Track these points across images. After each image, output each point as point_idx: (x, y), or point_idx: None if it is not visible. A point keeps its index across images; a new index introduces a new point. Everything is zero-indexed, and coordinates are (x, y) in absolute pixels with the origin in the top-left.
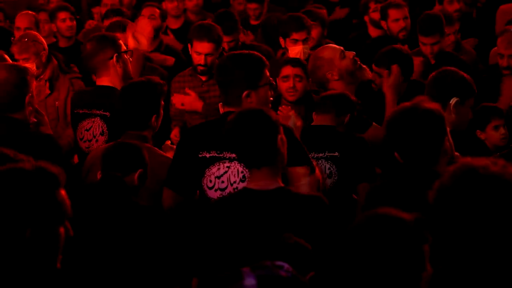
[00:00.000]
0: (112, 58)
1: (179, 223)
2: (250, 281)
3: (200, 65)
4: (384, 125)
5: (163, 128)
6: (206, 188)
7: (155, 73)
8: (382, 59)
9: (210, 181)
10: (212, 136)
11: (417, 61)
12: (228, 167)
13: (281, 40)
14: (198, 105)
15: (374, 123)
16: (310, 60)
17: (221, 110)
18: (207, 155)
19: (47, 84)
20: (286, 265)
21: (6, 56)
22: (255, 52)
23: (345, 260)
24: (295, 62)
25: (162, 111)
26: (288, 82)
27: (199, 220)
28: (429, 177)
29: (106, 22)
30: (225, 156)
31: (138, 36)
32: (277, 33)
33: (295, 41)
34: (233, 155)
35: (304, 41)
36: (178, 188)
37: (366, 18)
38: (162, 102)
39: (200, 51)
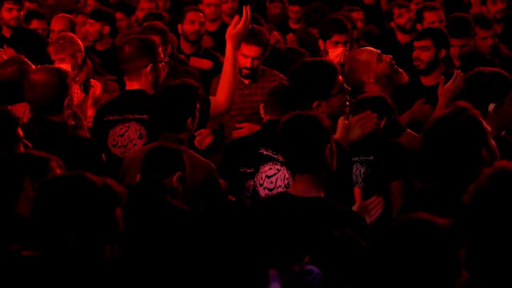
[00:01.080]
0: (146, 67)
1: (217, 225)
2: (275, 286)
3: (245, 68)
4: (422, 135)
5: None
6: (258, 184)
7: (188, 76)
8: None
9: (261, 178)
10: (273, 135)
11: None
12: (278, 170)
13: (321, 42)
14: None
15: (408, 129)
16: (346, 62)
17: (262, 113)
18: (264, 152)
19: (82, 87)
20: (316, 270)
21: (27, 60)
22: (327, 60)
23: (381, 264)
24: None
25: (197, 114)
26: None
27: (237, 222)
28: (467, 185)
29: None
30: (278, 158)
31: None
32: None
33: (336, 43)
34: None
35: (345, 44)
36: (229, 177)
37: (392, 24)
38: (198, 105)
39: (247, 54)
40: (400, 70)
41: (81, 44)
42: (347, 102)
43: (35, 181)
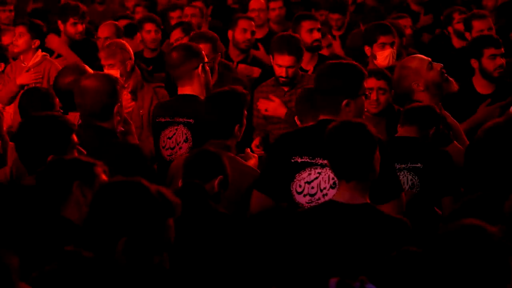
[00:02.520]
0: (197, 68)
1: (261, 232)
2: None
3: (281, 77)
4: (468, 147)
5: (245, 138)
6: (295, 193)
7: (237, 84)
8: None
9: (300, 186)
10: (306, 141)
11: None
12: (319, 173)
13: (367, 49)
14: (282, 111)
15: (455, 141)
16: (396, 69)
17: (296, 119)
18: (299, 160)
19: (132, 96)
20: None
21: (87, 67)
22: (355, 62)
23: (431, 270)
24: (379, 74)
25: (245, 121)
26: (371, 95)
27: (282, 230)
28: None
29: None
30: (317, 162)
31: None
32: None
33: (383, 45)
34: (325, 162)
35: (392, 45)
36: (268, 191)
37: (450, 29)
38: (245, 112)
39: (281, 63)
40: (450, 78)
41: (131, 51)
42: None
43: (84, 186)
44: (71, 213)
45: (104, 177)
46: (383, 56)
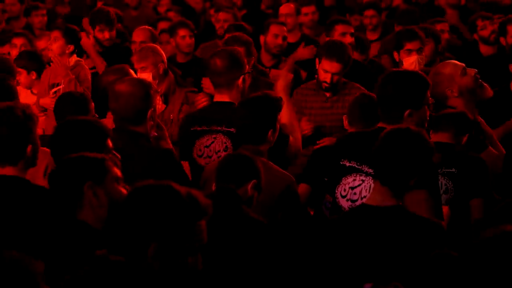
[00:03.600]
0: (239, 78)
1: (296, 238)
2: None
3: (325, 82)
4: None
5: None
6: (339, 196)
7: (270, 89)
8: None
9: (344, 190)
10: (357, 147)
11: None
12: (363, 180)
13: (395, 54)
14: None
15: (490, 147)
16: (430, 75)
17: (345, 124)
18: (347, 164)
19: (162, 98)
20: None
21: (131, 71)
22: (419, 72)
23: (469, 275)
24: None
25: (278, 126)
26: None
27: (317, 235)
28: None
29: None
30: (363, 169)
31: None
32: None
33: (409, 52)
34: (371, 170)
35: (418, 51)
36: (313, 183)
37: (475, 36)
38: (279, 117)
39: (328, 69)
40: (485, 84)
41: (164, 55)
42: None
43: (95, 186)
44: (87, 215)
45: (116, 170)
46: (408, 63)
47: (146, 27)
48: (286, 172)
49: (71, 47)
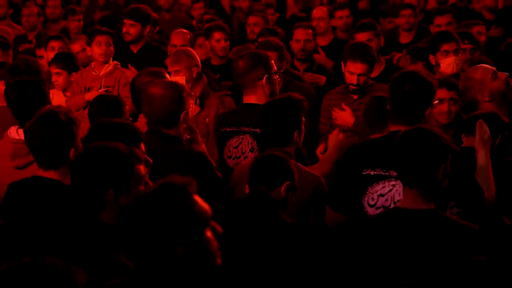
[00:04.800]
0: (262, 78)
1: (327, 241)
2: None
3: (352, 84)
4: None
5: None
6: (366, 205)
7: (301, 92)
8: None
9: (372, 198)
10: (378, 153)
11: None
12: (394, 185)
13: (431, 57)
14: (350, 120)
15: None
16: (461, 80)
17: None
18: (372, 173)
19: (197, 101)
20: None
21: (167, 74)
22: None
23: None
24: (450, 85)
25: (303, 127)
26: (443, 105)
27: (349, 238)
28: None
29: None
30: (391, 174)
31: None
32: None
33: (446, 53)
34: None
35: (455, 52)
36: (340, 208)
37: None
38: (304, 118)
39: (353, 71)
40: None
41: (199, 59)
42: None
43: (119, 192)
44: (107, 215)
45: (140, 168)
46: (446, 64)
47: (184, 30)
48: (313, 172)
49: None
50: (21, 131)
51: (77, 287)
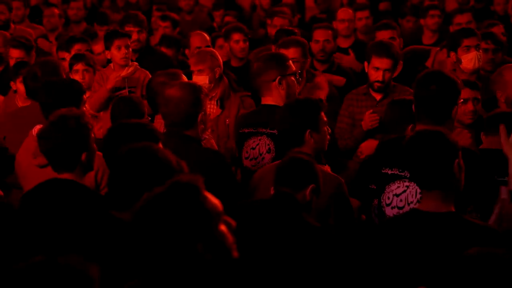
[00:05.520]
0: (274, 80)
1: (345, 240)
2: None
3: (377, 81)
4: None
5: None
6: (384, 204)
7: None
8: None
9: (388, 198)
10: (397, 153)
11: None
12: (407, 186)
13: (452, 54)
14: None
15: None
16: (494, 73)
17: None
18: (389, 172)
19: (218, 102)
20: None
21: (183, 76)
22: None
23: None
24: (473, 84)
25: (325, 129)
26: (467, 105)
27: (368, 240)
28: None
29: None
30: (406, 175)
31: None
32: None
33: (468, 48)
34: None
35: (477, 47)
36: (353, 192)
37: None
38: (325, 119)
39: (378, 66)
40: None
41: (221, 60)
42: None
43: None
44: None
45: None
46: (467, 59)
47: (202, 32)
48: (333, 173)
49: None
50: None
51: (91, 281)
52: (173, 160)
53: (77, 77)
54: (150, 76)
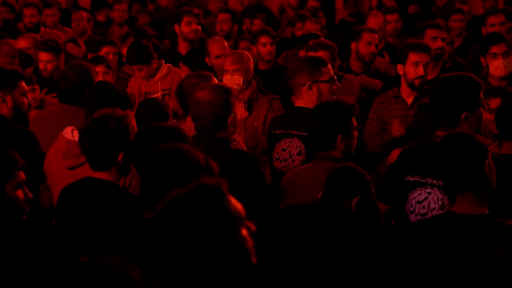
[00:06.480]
0: (304, 85)
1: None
2: None
3: (419, 77)
4: None
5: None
6: (408, 212)
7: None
8: None
9: (411, 205)
10: (418, 160)
11: None
12: (429, 193)
13: (482, 59)
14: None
15: None
16: None
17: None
18: (411, 179)
19: (246, 105)
20: None
21: (215, 78)
22: (470, 74)
23: None
24: (504, 93)
25: (353, 132)
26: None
27: (399, 242)
28: None
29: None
30: (427, 181)
31: None
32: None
33: (495, 56)
34: (435, 181)
35: (504, 55)
36: (386, 201)
37: None
38: (355, 123)
39: (418, 59)
40: None
41: (253, 64)
42: None
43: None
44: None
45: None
46: (494, 66)
47: (221, 38)
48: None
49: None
50: (76, 132)
51: (133, 283)
52: (202, 160)
53: (96, 79)
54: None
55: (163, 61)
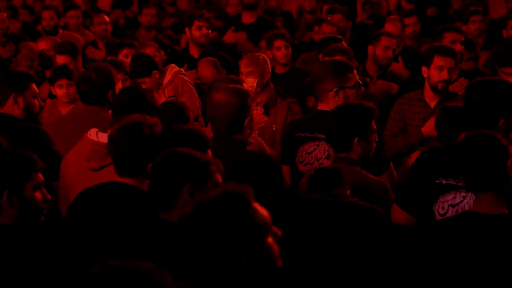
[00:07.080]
0: (331, 91)
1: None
2: None
3: (443, 81)
4: None
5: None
6: (437, 214)
7: (370, 100)
8: None
9: (443, 208)
10: (451, 162)
11: None
12: (464, 197)
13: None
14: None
15: None
16: None
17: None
18: (444, 182)
19: (262, 110)
20: None
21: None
22: (503, 79)
23: None
24: None
25: (373, 137)
26: None
27: (421, 240)
28: None
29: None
30: (462, 185)
31: None
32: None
33: (506, 74)
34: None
35: None
36: (410, 209)
37: None
38: (374, 126)
39: (443, 64)
40: None
41: (270, 67)
42: None
43: (194, 189)
44: (177, 213)
45: (218, 176)
46: None
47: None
48: (379, 179)
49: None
50: (100, 134)
51: None
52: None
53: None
54: (189, 82)
55: (173, 65)
